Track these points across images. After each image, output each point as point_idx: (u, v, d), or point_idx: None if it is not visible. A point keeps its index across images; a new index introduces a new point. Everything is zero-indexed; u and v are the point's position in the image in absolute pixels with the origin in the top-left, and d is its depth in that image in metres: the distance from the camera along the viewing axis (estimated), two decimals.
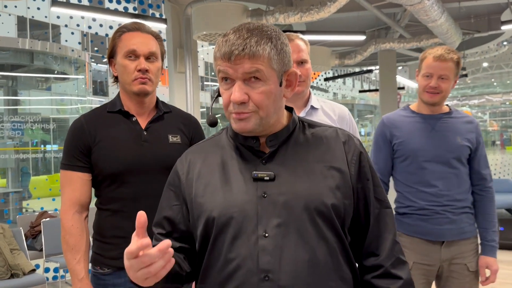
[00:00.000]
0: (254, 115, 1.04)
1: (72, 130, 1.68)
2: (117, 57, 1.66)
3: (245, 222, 1.03)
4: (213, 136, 1.20)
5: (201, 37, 5.25)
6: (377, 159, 2.17)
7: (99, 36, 10.77)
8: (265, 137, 1.09)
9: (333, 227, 1.05)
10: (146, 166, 1.63)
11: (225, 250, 1.04)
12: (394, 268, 1.11)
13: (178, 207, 1.14)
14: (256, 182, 1.06)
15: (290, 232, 1.02)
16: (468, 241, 2.07)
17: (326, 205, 1.04)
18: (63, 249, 1.64)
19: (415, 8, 5.00)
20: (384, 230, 1.13)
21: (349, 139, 1.14)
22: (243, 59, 1.00)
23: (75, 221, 1.63)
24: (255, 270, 1.02)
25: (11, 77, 9.26)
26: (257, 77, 1.02)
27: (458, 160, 2.05)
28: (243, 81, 1.02)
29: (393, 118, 2.16)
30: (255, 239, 1.02)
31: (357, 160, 1.11)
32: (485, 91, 29.60)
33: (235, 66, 1.01)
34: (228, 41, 1.01)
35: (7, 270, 3.86)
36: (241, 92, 1.02)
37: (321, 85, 21.77)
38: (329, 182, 1.07)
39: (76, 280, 1.60)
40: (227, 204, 1.05)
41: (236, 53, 1.00)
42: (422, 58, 2.09)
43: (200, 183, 1.11)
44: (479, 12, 8.12)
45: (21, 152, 8.06)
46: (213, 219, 1.05)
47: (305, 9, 5.18)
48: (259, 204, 1.04)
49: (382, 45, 7.68)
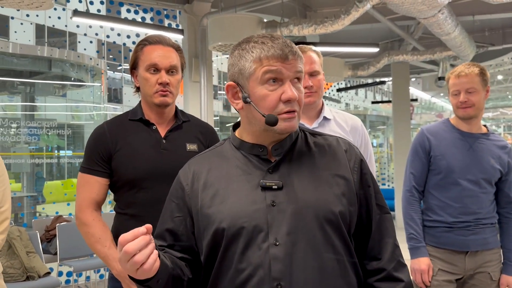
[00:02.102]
0: (297, 115, 1.10)
1: (94, 136, 1.73)
2: (139, 69, 1.72)
3: (255, 231, 1.05)
4: (215, 147, 1.22)
5: (216, 48, 5.33)
6: (414, 168, 2.22)
7: (116, 45, 10.96)
8: (270, 145, 1.12)
9: (340, 234, 1.09)
10: (164, 173, 1.68)
11: (236, 260, 1.05)
12: (396, 271, 1.14)
13: (180, 219, 1.14)
14: (264, 191, 1.07)
15: (300, 240, 1.05)
16: (492, 251, 2.13)
17: (334, 213, 1.07)
18: (90, 242, 1.67)
19: (429, 21, 5.03)
20: (385, 234, 1.16)
21: (350, 147, 1.18)
22: (296, 60, 1.08)
23: (95, 216, 1.69)
24: (267, 279, 1.03)
25: (29, 84, 9.45)
26: (299, 78, 1.09)
27: (488, 182, 2.11)
28: (293, 80, 1.08)
29: (434, 130, 2.21)
30: (266, 248, 1.04)
31: (359, 167, 1.15)
32: (499, 104, 29.29)
33: (289, 66, 1.07)
34: (278, 44, 1.07)
35: (23, 272, 3.93)
36: (293, 90, 1.07)
37: (334, 96, 21.76)
38: (335, 189, 1.10)
39: (113, 263, 1.63)
40: (236, 214, 1.06)
41: (291, 54, 1.07)
42: (447, 80, 2.17)
43: (206, 194, 1.11)
44: (493, 25, 8.10)
45: (36, 157, 8.19)
46: (223, 230, 1.06)
47: (319, 21, 5.23)
48: (268, 213, 1.05)
49: (395, 57, 7.70)
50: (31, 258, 4.06)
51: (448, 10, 5.11)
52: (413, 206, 2.19)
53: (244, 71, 1.09)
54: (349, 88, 12.54)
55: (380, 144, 18.54)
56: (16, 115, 9.33)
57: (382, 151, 16.49)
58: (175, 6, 6.09)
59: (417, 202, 2.20)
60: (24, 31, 15.43)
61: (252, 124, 1.12)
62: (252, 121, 1.12)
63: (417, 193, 2.19)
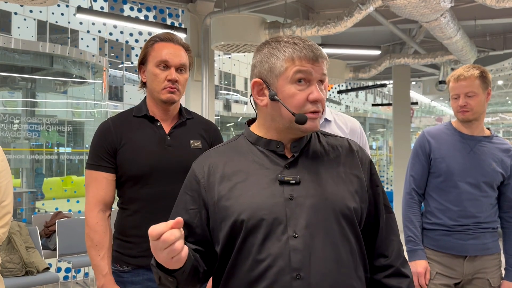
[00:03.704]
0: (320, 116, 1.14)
1: (99, 132, 1.74)
2: (148, 65, 1.73)
3: (275, 224, 1.08)
4: (229, 142, 1.24)
5: (219, 47, 5.34)
6: (414, 170, 2.20)
7: (118, 43, 10.97)
8: (288, 142, 1.16)
9: (354, 229, 1.14)
10: (168, 169, 1.70)
11: (255, 251, 1.08)
12: (403, 267, 1.21)
13: (195, 211, 1.15)
14: (282, 185, 1.11)
15: (318, 233, 1.08)
16: (492, 256, 2.10)
17: (350, 208, 1.12)
18: (88, 245, 1.70)
19: (431, 25, 5.05)
20: (391, 233, 1.23)
21: (360, 148, 1.24)
22: (323, 62, 1.13)
23: (99, 219, 1.70)
24: (287, 269, 1.06)
25: (31, 80, 9.46)
26: (323, 80, 1.13)
27: (489, 185, 2.08)
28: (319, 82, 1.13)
29: (435, 133, 2.19)
30: (286, 239, 1.07)
31: (368, 168, 1.22)
32: (499, 109, 29.34)
33: (317, 68, 1.11)
34: (309, 46, 1.11)
35: (22, 267, 3.94)
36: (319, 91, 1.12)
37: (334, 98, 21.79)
38: (350, 186, 1.15)
39: (100, 276, 1.67)
40: (255, 206, 1.09)
41: (320, 57, 1.11)
42: (447, 83, 2.16)
43: (224, 187, 1.13)
44: (494, 30, 8.13)
45: (36, 153, 8.20)
46: (242, 222, 1.08)
47: (322, 23, 5.25)
48: (287, 206, 1.09)
49: (397, 60, 7.72)
50: (30, 253, 4.07)
51: (451, 14, 5.14)
52: (413, 209, 2.18)
53: (274, 69, 1.12)
54: (349, 90, 12.57)
55: (380, 147, 18.56)
56: (17, 110, 9.34)
57: (381, 154, 16.50)
58: (178, 5, 6.11)
59: (417, 205, 2.18)
60: (27, 27, 15.45)
61: (276, 121, 1.15)
62: (277, 118, 1.14)
63: (417, 195, 2.18)
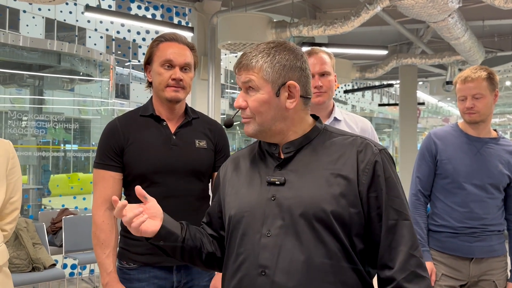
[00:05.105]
0: (252, 121, 1.17)
1: (106, 131, 1.76)
2: (153, 65, 1.75)
3: (253, 221, 1.15)
4: (252, 144, 1.34)
5: (225, 46, 5.35)
6: (420, 172, 2.20)
7: (126, 41, 11.02)
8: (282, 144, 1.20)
9: (333, 232, 1.09)
10: (174, 168, 1.72)
11: (237, 245, 1.18)
12: (408, 283, 1.08)
13: (215, 203, 1.34)
14: (269, 185, 1.17)
15: (290, 234, 1.11)
16: (498, 258, 2.10)
17: (326, 212, 1.09)
18: (93, 243, 1.72)
19: (439, 25, 5.03)
20: (399, 242, 1.10)
21: (366, 148, 1.15)
22: (241, 70, 1.17)
23: (106, 217, 1.71)
24: (255, 265, 1.13)
25: (38, 77, 9.52)
26: (251, 86, 1.15)
27: (495, 187, 2.08)
28: (244, 89, 1.17)
29: (441, 134, 2.19)
30: (259, 237, 1.14)
31: (371, 169, 1.12)
32: (507, 110, 29.15)
33: (239, 77, 1.18)
34: (242, 55, 1.19)
35: (29, 263, 3.97)
36: (241, 99, 1.18)
37: (340, 97, 21.75)
38: (333, 189, 1.11)
39: (105, 274, 1.69)
40: (241, 204, 1.19)
41: (237, 66, 1.18)
42: (454, 84, 2.15)
43: (229, 185, 1.27)
44: (502, 31, 8.08)
45: (43, 150, 8.25)
46: (230, 217, 1.21)
47: (329, 23, 5.25)
48: (267, 206, 1.15)
49: (404, 60, 7.69)
50: (37, 250, 4.11)
51: (458, 14, 5.11)
52: (418, 210, 2.17)
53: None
54: (356, 90, 12.55)
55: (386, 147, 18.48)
56: (24, 108, 9.40)
57: None
58: (186, 3, 6.12)
59: (423, 206, 2.18)
60: (36, 25, 15.55)
61: None
62: None
63: (423, 197, 2.18)
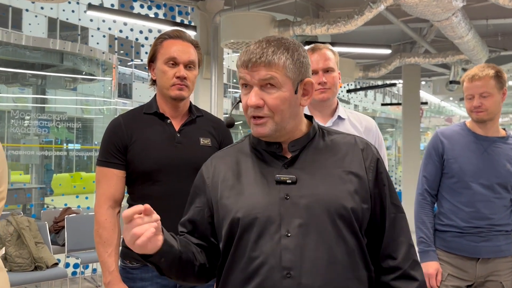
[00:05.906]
0: (269, 120, 1.13)
1: (110, 129, 1.75)
2: (157, 62, 1.74)
3: (268, 222, 1.10)
4: (237, 143, 1.29)
5: (228, 45, 5.34)
6: (427, 171, 2.19)
7: (128, 40, 11.02)
8: (286, 143, 1.17)
9: (352, 229, 1.12)
10: (177, 167, 1.70)
11: (249, 249, 1.11)
12: (412, 270, 1.17)
13: (199, 209, 1.22)
14: (279, 185, 1.13)
15: (311, 232, 1.09)
16: (505, 259, 2.08)
17: (346, 208, 1.11)
18: (96, 242, 1.71)
19: (442, 24, 5.00)
20: (400, 234, 1.19)
21: (367, 146, 1.21)
22: (259, 66, 1.10)
23: (109, 215, 1.70)
24: (278, 267, 1.08)
25: (41, 76, 9.53)
26: (272, 83, 1.11)
27: (502, 187, 2.06)
28: (259, 87, 1.12)
29: (448, 133, 2.17)
30: (278, 238, 1.09)
31: (375, 166, 1.18)
32: (510, 110, 29.07)
33: (252, 73, 1.11)
34: (248, 51, 1.12)
35: (31, 262, 3.97)
36: (257, 97, 1.11)
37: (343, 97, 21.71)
38: (348, 186, 1.13)
39: (107, 272, 1.67)
40: (251, 205, 1.12)
41: (253, 60, 1.10)
42: (461, 83, 2.13)
43: (225, 186, 1.19)
44: (506, 30, 8.04)
45: (46, 149, 8.26)
46: (238, 220, 1.12)
47: (332, 21, 5.22)
48: (281, 206, 1.11)
49: (407, 59, 7.66)
50: (39, 249, 4.10)
51: (462, 13, 5.09)
52: (425, 210, 2.16)
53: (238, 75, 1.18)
54: (359, 89, 12.50)
55: (388, 146, 18.48)
56: (27, 107, 9.41)
57: (390, 154, 16.42)
58: (189, 2, 6.11)
59: (429, 206, 2.16)
60: (38, 24, 15.57)
61: None
62: None
63: (429, 196, 2.16)
